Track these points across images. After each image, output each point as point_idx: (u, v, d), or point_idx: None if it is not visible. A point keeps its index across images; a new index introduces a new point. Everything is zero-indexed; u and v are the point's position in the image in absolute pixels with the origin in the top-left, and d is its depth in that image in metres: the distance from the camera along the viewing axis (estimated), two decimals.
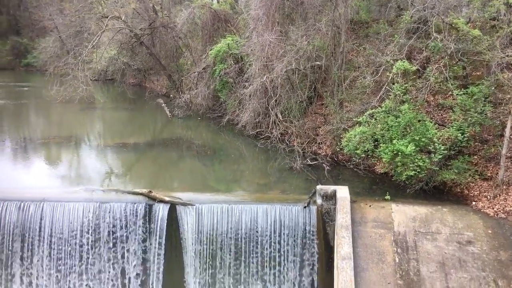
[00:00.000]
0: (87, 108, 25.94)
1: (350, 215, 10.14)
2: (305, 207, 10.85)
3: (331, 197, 10.82)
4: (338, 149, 15.21)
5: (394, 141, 11.91)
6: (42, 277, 10.51)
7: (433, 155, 11.67)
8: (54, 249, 10.50)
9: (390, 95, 12.80)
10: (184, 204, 10.78)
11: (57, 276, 10.54)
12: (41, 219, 10.47)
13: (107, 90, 35.12)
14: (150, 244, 10.69)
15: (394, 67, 12.90)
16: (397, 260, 9.51)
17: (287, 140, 17.23)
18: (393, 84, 12.86)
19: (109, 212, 10.61)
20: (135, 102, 30.32)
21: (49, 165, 16.45)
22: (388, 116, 12.46)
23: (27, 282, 10.49)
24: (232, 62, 20.90)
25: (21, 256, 10.48)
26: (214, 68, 21.80)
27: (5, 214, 10.43)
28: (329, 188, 11.03)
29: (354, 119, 14.23)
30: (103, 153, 17.96)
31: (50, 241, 10.49)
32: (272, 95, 17.65)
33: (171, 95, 28.23)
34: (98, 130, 23.42)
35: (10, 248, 10.43)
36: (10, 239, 10.41)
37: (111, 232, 10.62)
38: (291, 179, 14.40)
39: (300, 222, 10.75)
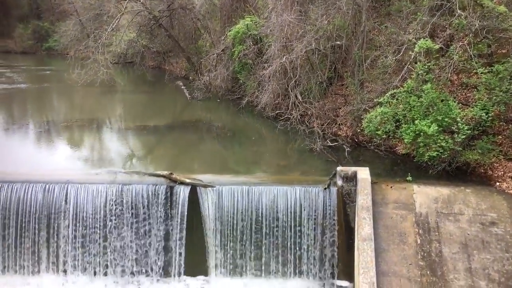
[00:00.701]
0: (107, 91, 26.18)
1: (371, 196, 10.08)
2: (325, 188, 10.82)
3: (351, 179, 10.76)
4: (358, 130, 15.06)
5: (416, 122, 11.72)
6: (68, 257, 10.76)
7: (456, 135, 11.45)
8: (78, 230, 10.73)
9: (412, 75, 12.55)
10: (205, 186, 10.87)
11: (82, 256, 10.78)
12: (65, 201, 10.68)
13: (127, 73, 35.34)
14: (172, 225, 10.84)
15: (416, 45, 12.61)
16: (418, 241, 9.44)
17: (307, 122, 17.12)
18: (416, 63, 12.59)
19: (131, 194, 10.77)
20: (155, 85, 30.46)
21: (72, 147, 16.73)
22: (410, 96, 12.24)
23: (53, 263, 10.76)
24: (251, 43, 20.74)
25: (47, 237, 10.73)
26: (232, 50, 21.68)
27: (31, 196, 10.67)
28: (350, 169, 10.96)
29: (375, 99, 14.02)
30: (124, 136, 18.17)
31: (75, 222, 10.71)
32: (292, 76, 17.49)
33: (190, 77, 28.26)
34: (119, 112, 23.66)
35: (36, 229, 10.68)
36: (37, 221, 10.65)
37: (133, 214, 10.79)
38: (311, 161, 14.35)
39: (320, 204, 10.73)
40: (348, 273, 10.65)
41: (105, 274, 10.83)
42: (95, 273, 10.81)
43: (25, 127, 18.93)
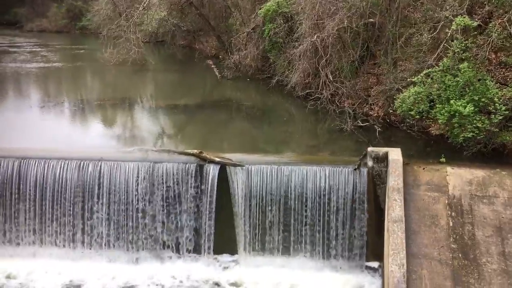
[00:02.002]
0: (139, 70, 26.46)
1: (402, 177, 9.91)
2: (355, 169, 10.70)
3: (382, 159, 10.59)
4: (390, 110, 14.76)
5: (452, 102, 11.39)
6: (102, 232, 11.08)
7: (493, 116, 11.07)
8: (112, 206, 10.99)
9: (449, 53, 12.14)
10: (234, 165, 10.92)
11: (115, 232, 11.08)
12: (99, 178, 10.94)
13: (157, 52, 35.59)
14: (201, 203, 10.98)
15: (453, 23, 12.16)
16: (451, 224, 9.27)
17: (338, 101, 16.87)
18: (452, 41, 12.17)
19: (162, 172, 10.93)
20: (185, 64, 30.58)
21: (105, 125, 17.07)
22: (446, 75, 11.87)
23: (88, 238, 11.10)
24: (282, 22, 20.44)
25: (82, 213, 11.05)
26: (263, 28, 21.44)
27: (67, 172, 10.98)
28: (381, 150, 10.78)
29: (408, 79, 13.66)
30: (155, 114, 18.39)
31: (108, 199, 10.98)
32: (323, 54, 17.21)
33: (220, 56, 28.20)
34: (150, 91, 23.93)
35: (72, 205, 11.00)
36: (72, 197, 10.96)
37: (163, 191, 10.97)
38: (341, 141, 14.20)
39: (350, 184, 10.63)
40: (377, 254, 10.58)
41: (137, 249, 11.10)
42: (127, 248, 11.10)
43: (60, 105, 19.39)
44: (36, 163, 11.01)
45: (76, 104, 19.70)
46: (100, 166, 10.98)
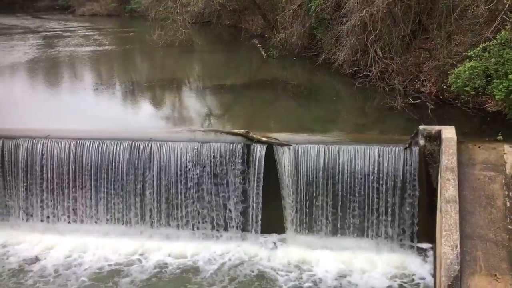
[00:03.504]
0: (186, 51, 26.77)
1: (456, 156, 9.53)
2: (406, 148, 10.40)
3: (435, 138, 10.22)
4: (444, 87, 14.18)
5: (510, 77, 10.79)
6: (153, 211, 11.42)
7: None
8: (161, 185, 11.29)
9: (507, 25, 11.46)
10: (281, 145, 10.89)
11: (166, 210, 11.39)
12: (150, 157, 11.24)
13: (204, 33, 35.79)
14: (249, 183, 11.05)
15: None
16: (508, 204, 8.86)
17: (387, 78, 16.38)
18: (511, 12, 11.46)
19: (210, 151, 11.07)
20: (231, 44, 30.62)
21: (154, 106, 17.48)
22: (504, 49, 11.23)
23: (140, 215, 11.47)
24: None
25: (134, 193, 11.41)
26: (309, 5, 21.01)
27: (119, 152, 11.35)
28: (433, 128, 10.39)
29: (463, 53, 13.05)
30: (202, 95, 18.61)
31: (158, 178, 11.27)
32: (372, 30, 16.69)
33: (266, 35, 27.99)
34: (197, 72, 24.21)
35: (124, 184, 11.38)
36: (125, 176, 11.34)
37: (212, 171, 11.12)
38: (391, 119, 13.83)
39: (401, 164, 10.34)
40: (429, 235, 10.31)
41: (186, 228, 11.38)
42: (178, 226, 11.41)
43: (112, 87, 20.00)
44: (91, 143, 11.43)
45: (127, 86, 20.24)
46: (151, 146, 11.26)
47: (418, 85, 15.72)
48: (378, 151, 10.47)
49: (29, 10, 63.79)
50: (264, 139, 11.01)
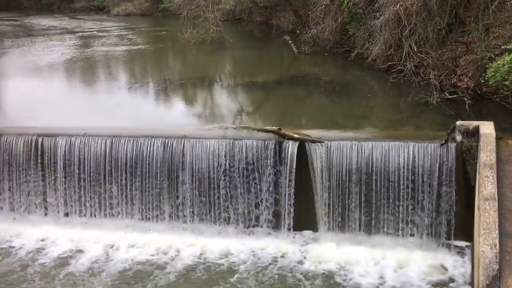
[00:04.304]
0: (217, 49, 26.94)
1: (495, 153, 9.21)
2: (442, 144, 10.14)
3: (472, 134, 9.92)
4: (482, 81, 13.75)
5: None
6: (187, 206, 11.55)
7: None
8: (195, 182, 11.40)
9: None
10: (313, 141, 10.82)
11: (199, 206, 11.50)
12: (183, 155, 11.37)
13: (235, 30, 35.95)
14: (281, 180, 11.03)
15: None
16: None
17: (422, 73, 16.02)
18: None
19: (242, 148, 11.11)
20: (262, 41, 30.62)
21: (186, 104, 17.68)
22: None
23: (175, 212, 11.63)
24: None
25: (168, 189, 11.57)
26: None
27: (153, 149, 11.53)
28: (471, 123, 10.09)
29: (502, 46, 12.63)
30: (234, 92, 18.69)
31: (191, 175, 11.38)
32: (406, 24, 16.36)
33: (297, 31, 27.85)
34: (228, 69, 24.33)
35: (158, 180, 11.55)
36: (159, 173, 11.51)
37: (244, 168, 11.15)
38: (426, 115, 13.52)
39: (437, 160, 10.10)
40: (466, 233, 10.04)
41: (218, 224, 11.46)
42: (210, 222, 11.50)
43: (146, 85, 20.35)
44: (126, 140, 11.66)
45: (160, 84, 20.55)
46: (183, 144, 11.39)
47: (455, 80, 15.30)
48: (413, 147, 10.26)
49: (66, 11, 65.78)
50: (296, 135, 10.97)
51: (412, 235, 10.53)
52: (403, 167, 10.28)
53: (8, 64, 27.05)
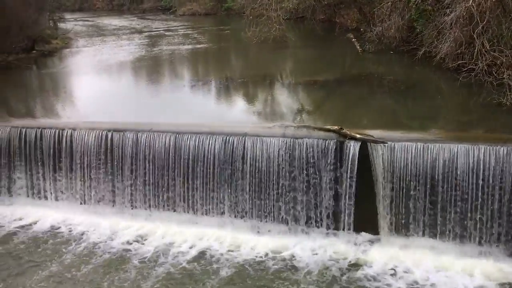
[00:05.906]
0: (279, 47, 26.93)
1: None
2: None
3: None
4: None
5: None
6: (246, 204, 11.64)
7: None
8: (255, 179, 11.45)
9: None
10: (376, 142, 10.54)
11: (258, 204, 11.55)
12: (243, 152, 11.47)
13: (297, 28, 35.79)
14: (342, 180, 10.84)
15: None
16: None
17: (495, 73, 15.10)
18: None
19: (302, 147, 11.03)
20: (325, 39, 30.27)
21: (247, 102, 17.83)
22: None
23: (235, 209, 11.76)
24: None
25: (228, 186, 11.70)
26: None
27: (214, 146, 11.73)
28: None
29: None
30: (294, 91, 18.61)
31: (252, 172, 11.45)
32: (479, 21, 15.49)
33: (361, 29, 27.26)
34: (290, 68, 24.26)
35: (219, 177, 11.72)
36: (219, 170, 11.65)
37: (304, 167, 11.07)
38: (499, 116, 12.77)
39: (510, 165, 9.50)
40: None
41: (279, 222, 11.45)
42: (270, 220, 11.53)
43: (208, 83, 20.75)
44: (189, 137, 11.94)
45: (222, 82, 20.87)
46: (244, 141, 11.48)
47: None
48: (484, 150, 9.73)
49: (135, 11, 68.61)
50: (358, 135, 10.73)
51: (480, 242, 9.99)
52: (473, 171, 9.77)
53: (82, 62, 28.62)
